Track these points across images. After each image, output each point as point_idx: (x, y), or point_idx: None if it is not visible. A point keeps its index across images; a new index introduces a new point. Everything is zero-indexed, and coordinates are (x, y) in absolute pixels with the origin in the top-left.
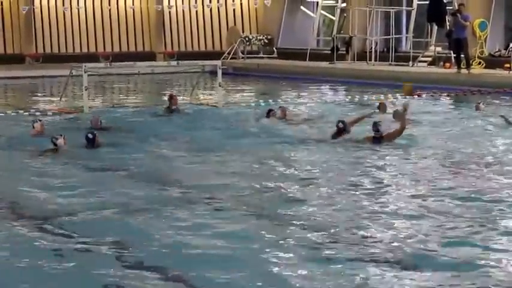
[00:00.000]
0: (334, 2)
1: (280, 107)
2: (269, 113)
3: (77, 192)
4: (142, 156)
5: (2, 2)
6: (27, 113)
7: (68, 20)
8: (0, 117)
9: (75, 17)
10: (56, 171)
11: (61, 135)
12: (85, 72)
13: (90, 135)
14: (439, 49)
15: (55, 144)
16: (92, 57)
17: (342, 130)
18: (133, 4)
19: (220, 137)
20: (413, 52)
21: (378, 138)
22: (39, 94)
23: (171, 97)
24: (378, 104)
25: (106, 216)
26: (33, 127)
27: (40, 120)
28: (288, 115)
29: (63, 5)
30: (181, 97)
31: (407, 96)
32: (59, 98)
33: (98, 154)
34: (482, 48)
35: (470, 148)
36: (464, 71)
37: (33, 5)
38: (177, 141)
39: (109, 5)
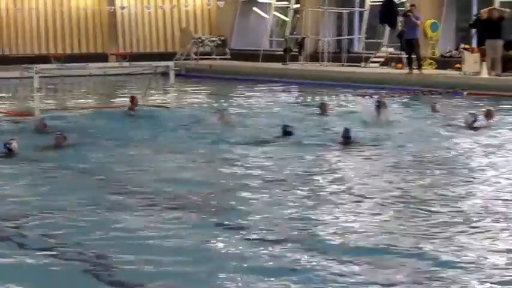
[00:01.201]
0: (287, 2)
1: (218, 110)
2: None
3: (32, 194)
4: (99, 158)
5: None
6: None
7: (20, 21)
8: None
9: (27, 18)
10: (12, 174)
11: (14, 139)
12: (36, 73)
13: (8, 145)
14: (391, 50)
15: (9, 149)
16: (43, 59)
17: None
18: (85, 5)
19: (172, 139)
20: (365, 53)
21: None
22: None
23: (132, 98)
24: (319, 103)
25: (58, 217)
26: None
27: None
28: (226, 118)
29: (15, 5)
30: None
31: None
32: (9, 101)
33: (53, 156)
34: (434, 49)
35: (423, 148)
36: (416, 71)
37: None
38: (131, 142)
39: (61, 6)
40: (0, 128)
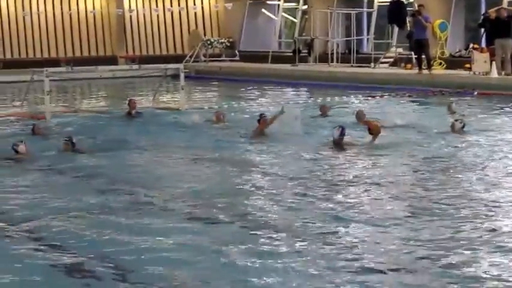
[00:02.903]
0: (295, 4)
1: (216, 111)
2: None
3: (39, 196)
4: (104, 161)
5: None
6: None
7: (28, 25)
8: None
9: (35, 22)
10: (20, 176)
11: (22, 142)
12: (46, 77)
13: (15, 147)
14: (400, 50)
15: (16, 151)
16: (53, 62)
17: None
18: (94, 8)
19: (183, 141)
20: (374, 54)
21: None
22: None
23: (130, 101)
24: (319, 106)
25: (65, 220)
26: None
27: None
28: (223, 119)
29: (23, 10)
30: (144, 101)
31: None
32: (20, 104)
33: (60, 159)
34: (443, 48)
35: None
36: (425, 71)
37: None
38: (139, 145)
39: (69, 9)
40: (10, 131)
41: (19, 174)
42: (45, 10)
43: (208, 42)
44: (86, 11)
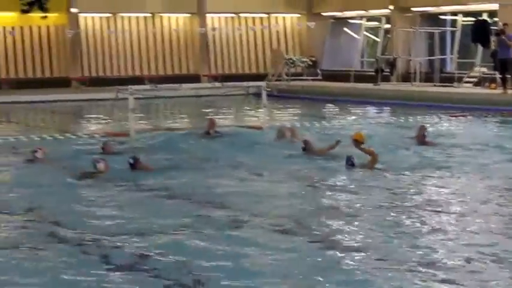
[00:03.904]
0: (377, 23)
1: (289, 127)
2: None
3: (122, 214)
4: (186, 179)
5: (48, 27)
6: (74, 136)
7: (113, 43)
8: (48, 141)
9: (120, 40)
10: (100, 193)
11: (103, 159)
12: (131, 94)
13: (131, 160)
14: (484, 70)
15: (95, 168)
16: (137, 80)
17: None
18: (177, 27)
19: (264, 159)
20: (458, 73)
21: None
22: (85, 117)
23: (209, 121)
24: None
25: (151, 238)
26: (35, 156)
27: (41, 149)
28: (296, 135)
29: (108, 28)
30: (226, 120)
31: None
32: (105, 121)
33: (139, 177)
34: None
35: None
36: (510, 91)
37: (79, 29)
38: (221, 163)
39: (153, 27)
40: (83, 148)
41: (98, 190)
42: (130, 28)
43: (291, 60)
44: (169, 30)
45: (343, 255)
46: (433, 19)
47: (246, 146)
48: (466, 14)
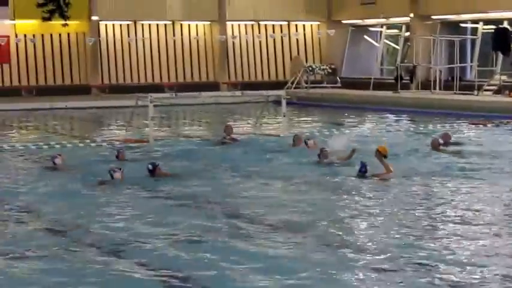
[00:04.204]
0: (397, 30)
1: (310, 139)
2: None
3: (142, 220)
4: (203, 186)
5: (69, 34)
6: (94, 144)
7: (133, 51)
8: (68, 148)
9: (140, 47)
10: (120, 200)
11: (120, 169)
12: (151, 102)
13: (150, 166)
14: (504, 78)
15: (112, 177)
16: (157, 88)
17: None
18: (197, 35)
19: (284, 167)
20: (478, 81)
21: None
22: (105, 124)
23: (226, 127)
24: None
25: (172, 245)
26: (55, 163)
27: (60, 155)
28: (314, 143)
29: (129, 36)
30: (245, 127)
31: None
32: (125, 128)
33: (157, 184)
34: None
35: None
36: None
37: (99, 37)
38: (237, 170)
39: (173, 35)
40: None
41: (119, 198)
42: (150, 36)
43: (310, 68)
44: (189, 37)
45: (356, 260)
46: (454, 27)
47: (263, 153)
48: (487, 22)
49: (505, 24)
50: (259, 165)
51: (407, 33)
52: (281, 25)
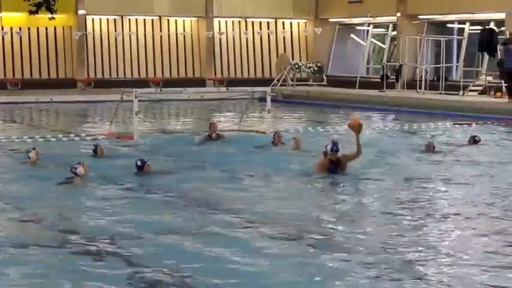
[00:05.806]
0: (384, 30)
1: (294, 137)
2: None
3: (122, 216)
4: (187, 182)
5: (55, 28)
6: (77, 138)
7: (120, 46)
8: (52, 141)
9: (126, 42)
10: (103, 195)
11: (79, 163)
12: (136, 97)
13: (139, 162)
14: (490, 78)
15: (75, 174)
16: (142, 83)
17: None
18: (184, 30)
19: (266, 163)
20: (463, 81)
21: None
22: (89, 119)
23: (210, 125)
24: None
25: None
26: (29, 157)
27: (34, 149)
28: (299, 146)
29: (115, 30)
30: (230, 124)
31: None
32: (109, 123)
33: (144, 179)
34: None
35: None
36: None
37: (86, 31)
38: (221, 167)
39: (160, 31)
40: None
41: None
42: (137, 31)
43: (296, 66)
44: (176, 33)
45: (346, 260)
46: (440, 27)
47: (248, 149)
48: (473, 22)
49: (492, 25)
50: (243, 161)
51: (394, 33)
52: (268, 22)
